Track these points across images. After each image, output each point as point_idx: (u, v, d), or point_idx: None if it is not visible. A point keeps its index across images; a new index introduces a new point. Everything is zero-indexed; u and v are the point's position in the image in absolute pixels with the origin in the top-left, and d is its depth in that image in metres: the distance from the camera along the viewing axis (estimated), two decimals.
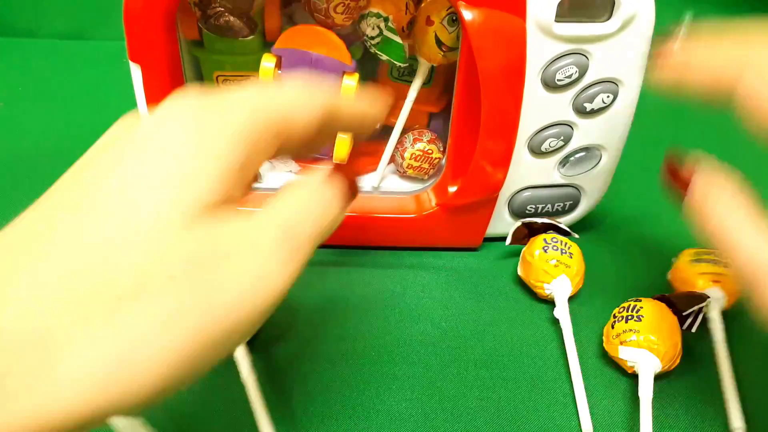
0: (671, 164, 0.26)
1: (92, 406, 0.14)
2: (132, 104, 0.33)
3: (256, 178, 0.18)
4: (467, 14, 0.30)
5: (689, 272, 0.34)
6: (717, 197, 0.23)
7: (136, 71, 0.32)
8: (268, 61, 0.34)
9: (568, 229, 0.37)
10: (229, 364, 0.30)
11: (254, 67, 0.35)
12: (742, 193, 0.23)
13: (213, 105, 0.17)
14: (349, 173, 0.19)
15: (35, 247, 0.15)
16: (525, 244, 0.37)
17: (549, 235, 0.36)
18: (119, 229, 0.15)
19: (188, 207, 0.15)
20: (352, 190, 0.20)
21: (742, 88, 0.22)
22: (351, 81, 0.34)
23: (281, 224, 0.17)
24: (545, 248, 0.35)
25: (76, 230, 0.15)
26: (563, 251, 0.35)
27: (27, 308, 0.14)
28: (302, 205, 0.18)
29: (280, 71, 0.35)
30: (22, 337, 0.14)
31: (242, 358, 0.30)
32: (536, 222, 0.37)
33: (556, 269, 0.34)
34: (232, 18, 0.35)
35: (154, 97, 0.33)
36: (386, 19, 0.34)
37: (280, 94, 0.18)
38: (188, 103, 0.17)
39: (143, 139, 0.16)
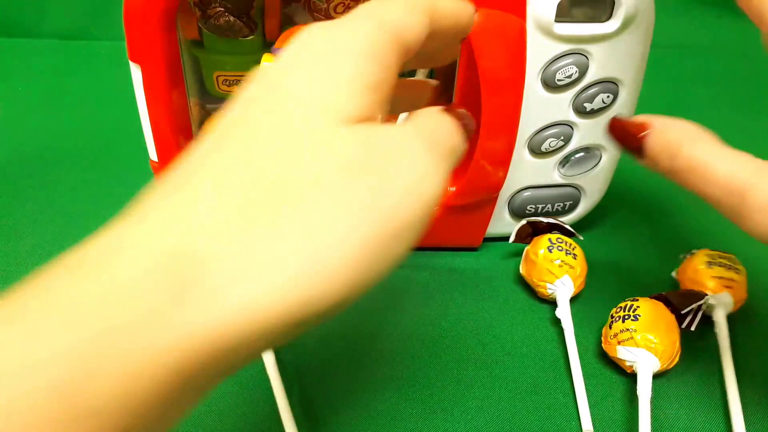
0: (617, 121, 0.26)
1: (286, 310, 0.14)
2: (132, 104, 0.33)
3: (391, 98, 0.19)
4: None
5: (702, 274, 0.34)
6: (681, 132, 0.23)
7: (136, 71, 0.32)
8: (268, 61, 0.34)
9: (572, 230, 0.37)
10: None
11: (254, 67, 0.35)
12: (702, 128, 0.23)
13: (338, 31, 0.18)
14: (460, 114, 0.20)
15: (211, 161, 0.16)
16: (528, 243, 0.37)
17: (554, 236, 0.36)
18: (288, 137, 0.16)
19: (341, 118, 0.16)
20: (468, 129, 0.20)
21: None
22: None
23: (426, 134, 0.18)
24: (550, 248, 0.35)
25: (248, 144, 0.16)
26: (568, 252, 0.35)
27: (212, 217, 0.14)
28: (437, 123, 0.19)
29: None
30: (207, 244, 0.14)
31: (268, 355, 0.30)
32: (541, 221, 0.37)
33: (560, 269, 0.34)
34: (232, 18, 0.35)
35: (154, 97, 0.33)
36: None
37: (391, 7, 0.18)
38: (316, 33, 0.18)
39: (288, 69, 0.17)
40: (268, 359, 0.30)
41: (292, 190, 0.15)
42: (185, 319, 0.13)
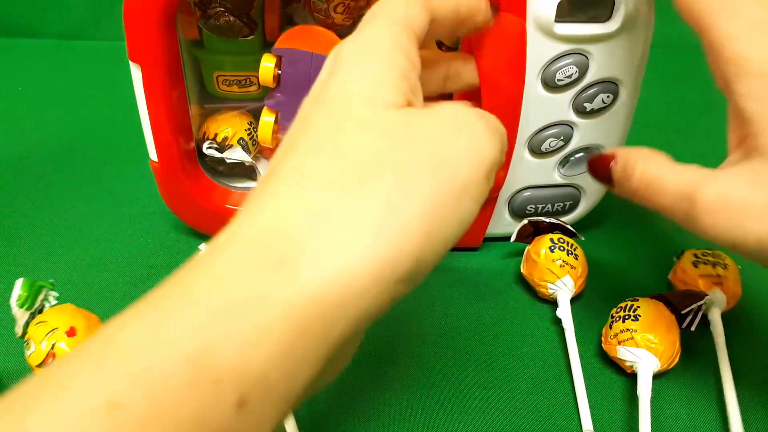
0: (593, 156, 0.28)
1: (373, 271, 0.16)
2: (132, 104, 0.33)
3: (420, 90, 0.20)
4: None
5: (690, 274, 0.34)
6: (635, 156, 0.25)
7: (136, 71, 0.32)
8: (268, 61, 0.34)
9: (574, 230, 0.37)
10: None
11: (254, 67, 0.35)
12: (657, 151, 0.25)
13: (361, 36, 0.20)
14: None
15: (287, 161, 0.18)
16: (529, 243, 0.37)
17: (556, 236, 0.36)
18: (343, 128, 0.18)
19: (385, 105, 0.18)
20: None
21: None
22: None
23: (475, 109, 0.19)
24: (552, 248, 0.35)
25: (313, 141, 0.18)
26: (569, 252, 0.35)
27: (296, 202, 0.16)
28: (482, 111, 0.20)
29: (280, 71, 0.35)
30: (295, 225, 0.16)
31: None
32: (543, 221, 0.37)
33: (562, 270, 0.34)
34: (232, 18, 0.35)
35: (154, 97, 0.33)
36: None
37: (395, 3, 0.20)
38: (344, 44, 0.20)
39: (330, 79, 0.19)
40: None
41: (356, 168, 0.17)
42: (283, 293, 0.15)
